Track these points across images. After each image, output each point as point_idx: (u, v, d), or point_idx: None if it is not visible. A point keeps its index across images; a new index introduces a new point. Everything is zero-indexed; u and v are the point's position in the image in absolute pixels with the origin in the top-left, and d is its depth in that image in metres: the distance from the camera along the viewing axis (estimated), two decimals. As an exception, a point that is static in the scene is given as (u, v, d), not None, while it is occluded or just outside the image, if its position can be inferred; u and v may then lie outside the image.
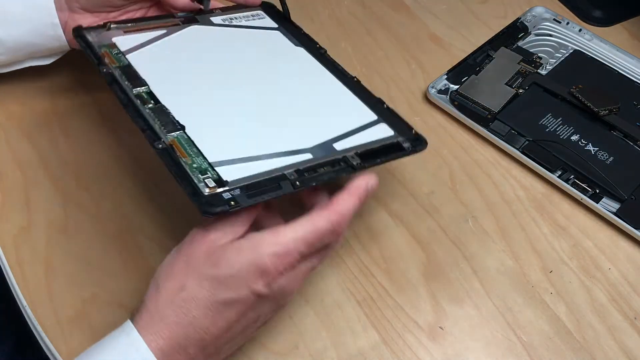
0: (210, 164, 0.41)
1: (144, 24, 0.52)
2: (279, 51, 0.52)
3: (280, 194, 0.41)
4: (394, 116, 0.49)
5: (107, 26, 0.50)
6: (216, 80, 0.48)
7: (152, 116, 0.43)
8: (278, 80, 0.49)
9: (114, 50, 0.48)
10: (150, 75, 0.46)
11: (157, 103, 0.44)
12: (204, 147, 0.42)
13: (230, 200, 0.39)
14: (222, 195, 0.39)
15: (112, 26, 0.50)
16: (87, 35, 0.49)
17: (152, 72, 0.46)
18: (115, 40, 0.49)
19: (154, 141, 0.41)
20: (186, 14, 0.54)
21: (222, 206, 0.38)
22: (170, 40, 0.51)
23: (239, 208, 0.39)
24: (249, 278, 0.37)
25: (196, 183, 0.39)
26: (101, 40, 0.49)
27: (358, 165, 0.43)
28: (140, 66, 0.47)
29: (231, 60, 0.50)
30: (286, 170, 0.42)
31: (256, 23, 0.55)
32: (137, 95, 0.45)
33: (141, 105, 0.44)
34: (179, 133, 0.42)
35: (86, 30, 0.49)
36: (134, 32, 0.50)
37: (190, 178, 0.40)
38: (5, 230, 0.49)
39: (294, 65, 0.52)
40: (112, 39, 0.49)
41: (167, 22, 0.53)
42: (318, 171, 0.42)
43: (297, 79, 0.50)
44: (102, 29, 0.50)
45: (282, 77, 0.50)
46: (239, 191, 0.40)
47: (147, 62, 0.47)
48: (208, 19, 0.54)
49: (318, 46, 0.54)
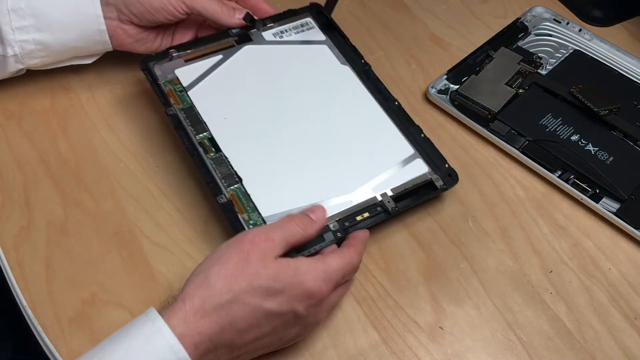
0: (264, 220, 0.47)
1: (202, 49, 0.56)
2: (326, 72, 0.57)
3: (324, 246, 0.46)
4: (430, 146, 0.53)
5: (169, 55, 0.55)
6: (269, 115, 0.53)
7: (214, 167, 0.49)
8: (324, 112, 0.54)
9: (177, 86, 0.54)
10: (210, 116, 0.52)
11: (218, 151, 0.50)
12: (258, 201, 0.48)
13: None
14: None
15: (174, 54, 0.55)
16: (153, 68, 0.54)
17: (212, 111, 0.52)
18: (178, 74, 0.54)
19: (217, 195, 0.48)
20: (239, 30, 0.58)
21: None
22: (226, 68, 0.56)
23: None
24: (297, 298, 0.40)
25: None
26: (165, 73, 0.54)
27: (393, 210, 0.48)
28: (201, 106, 0.52)
29: (282, 88, 0.55)
30: (329, 222, 0.47)
31: (305, 36, 0.59)
32: (200, 143, 0.50)
33: (204, 154, 0.50)
34: (237, 186, 0.48)
35: (151, 62, 0.54)
36: (194, 59, 0.55)
37: None
38: (5, 230, 0.49)
39: (339, 90, 0.56)
40: (175, 71, 0.54)
41: (222, 43, 0.57)
42: (357, 219, 0.48)
43: (342, 109, 0.54)
44: (165, 59, 0.55)
45: (328, 107, 0.54)
46: None
47: (207, 99, 0.53)
48: (260, 35, 0.58)
49: (363, 61, 0.58)
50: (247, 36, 0.58)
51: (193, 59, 0.56)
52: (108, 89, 0.59)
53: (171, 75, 0.54)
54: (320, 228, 0.45)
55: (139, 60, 0.55)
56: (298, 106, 0.54)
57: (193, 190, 0.52)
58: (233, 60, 0.56)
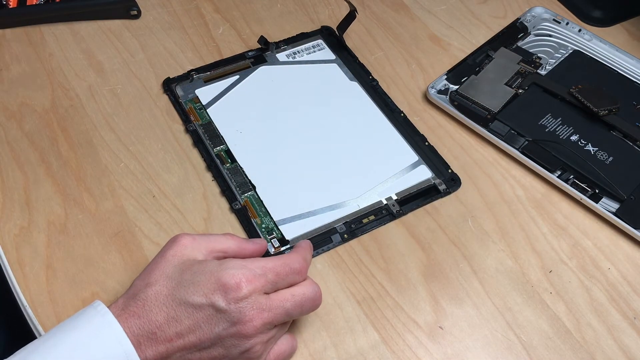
0: (275, 223, 0.50)
1: (220, 71, 0.60)
2: (335, 88, 0.60)
3: (332, 247, 0.49)
4: (434, 153, 0.56)
5: (190, 77, 0.59)
6: (281, 127, 0.56)
7: (229, 176, 0.53)
8: (334, 123, 0.57)
9: (197, 104, 0.57)
10: (227, 130, 0.55)
11: (234, 162, 0.53)
12: (270, 206, 0.51)
13: None
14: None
15: (194, 76, 0.59)
16: (175, 89, 0.58)
17: (229, 126, 0.56)
18: (198, 94, 0.58)
19: (232, 202, 0.51)
20: (255, 53, 0.62)
21: None
22: (242, 87, 0.59)
23: None
24: (207, 287, 0.38)
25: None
26: (186, 93, 0.58)
27: (398, 213, 0.52)
28: (218, 121, 0.56)
29: (294, 103, 0.58)
30: (336, 224, 0.50)
31: (316, 56, 0.63)
32: (217, 155, 0.54)
33: (221, 165, 0.53)
34: (251, 193, 0.52)
35: (173, 83, 0.59)
36: (213, 80, 0.59)
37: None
38: (6, 230, 0.49)
39: (348, 104, 0.59)
40: (195, 91, 0.58)
41: (239, 65, 0.61)
42: (363, 222, 0.51)
43: (351, 120, 0.58)
44: (186, 80, 0.59)
45: (337, 119, 0.58)
46: None
47: (224, 115, 0.57)
48: (274, 56, 0.62)
49: (371, 77, 0.61)
50: (262, 58, 0.62)
51: (212, 79, 0.59)
52: (108, 89, 0.59)
53: (192, 94, 0.58)
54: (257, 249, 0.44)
55: (163, 81, 0.59)
56: (309, 119, 0.57)
57: (193, 190, 0.53)
58: (249, 79, 0.60)
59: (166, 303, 0.38)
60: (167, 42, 0.63)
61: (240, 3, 0.68)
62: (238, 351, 0.39)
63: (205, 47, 0.63)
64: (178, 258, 0.40)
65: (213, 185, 0.53)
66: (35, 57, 0.61)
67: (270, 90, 0.59)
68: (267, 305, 0.39)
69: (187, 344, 0.38)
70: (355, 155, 0.55)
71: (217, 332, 0.38)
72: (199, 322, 0.38)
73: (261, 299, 0.39)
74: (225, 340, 0.39)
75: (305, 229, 0.50)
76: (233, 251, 0.43)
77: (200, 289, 0.38)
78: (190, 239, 0.41)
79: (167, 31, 0.64)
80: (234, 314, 0.38)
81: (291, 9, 0.68)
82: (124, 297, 0.40)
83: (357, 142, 0.56)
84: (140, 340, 0.38)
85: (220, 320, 0.38)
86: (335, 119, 0.57)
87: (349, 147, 0.55)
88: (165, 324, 0.38)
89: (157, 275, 0.40)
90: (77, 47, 0.62)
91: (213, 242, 0.42)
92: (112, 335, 0.37)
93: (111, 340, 0.37)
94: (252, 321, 0.38)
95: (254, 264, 0.40)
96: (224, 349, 0.39)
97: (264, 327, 0.39)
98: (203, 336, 0.38)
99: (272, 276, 0.40)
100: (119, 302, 0.39)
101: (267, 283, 0.40)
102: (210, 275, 0.39)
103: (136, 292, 0.39)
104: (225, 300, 0.38)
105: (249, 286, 0.39)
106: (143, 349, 0.38)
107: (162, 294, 0.39)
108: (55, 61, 0.61)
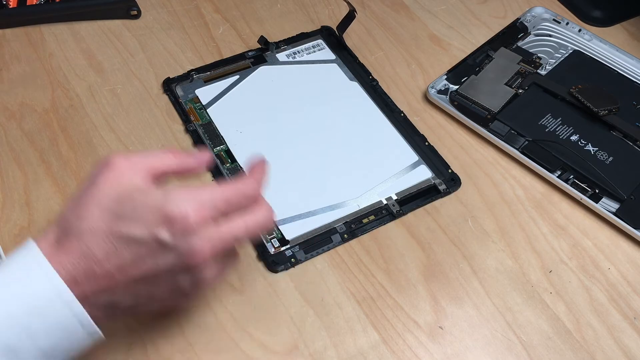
0: (275, 223, 0.49)
1: (220, 71, 0.60)
2: (335, 88, 0.60)
3: (332, 247, 0.49)
4: (434, 153, 0.56)
5: (190, 77, 0.59)
6: (281, 127, 0.56)
7: (230, 176, 0.53)
8: (334, 123, 0.57)
9: (197, 104, 0.57)
10: (227, 130, 0.55)
11: (234, 162, 0.53)
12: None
13: (291, 257, 0.48)
14: (285, 253, 0.48)
15: (194, 76, 0.59)
16: (175, 89, 0.58)
17: (229, 126, 0.56)
18: (198, 94, 0.58)
19: None
20: (255, 53, 0.62)
21: (285, 264, 0.48)
22: (242, 86, 0.59)
23: (298, 264, 0.48)
24: (151, 220, 0.35)
25: (264, 243, 0.49)
26: (186, 93, 0.58)
27: (397, 213, 0.51)
28: (218, 121, 0.56)
29: (294, 103, 0.58)
30: (336, 224, 0.50)
31: (316, 56, 0.63)
32: (217, 155, 0.54)
33: (221, 165, 0.53)
34: None
35: (173, 83, 0.58)
36: (212, 80, 0.59)
37: (260, 239, 0.48)
38: (6, 230, 0.49)
39: (348, 104, 0.59)
40: (195, 91, 0.58)
41: (239, 65, 0.61)
42: (363, 222, 0.51)
43: (351, 120, 0.57)
44: (186, 80, 0.59)
45: (337, 119, 0.57)
46: (298, 248, 0.49)
47: (224, 115, 0.57)
48: (274, 56, 0.62)
49: (370, 77, 0.61)
50: (262, 58, 0.62)
51: (212, 79, 0.59)
52: (108, 89, 0.59)
53: (192, 94, 0.58)
54: (200, 163, 0.40)
55: (162, 82, 0.59)
56: (309, 119, 0.57)
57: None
58: (249, 79, 0.60)
59: (104, 238, 0.35)
60: (167, 42, 0.63)
61: (240, 3, 0.68)
62: (188, 282, 0.37)
63: (205, 47, 0.63)
64: (114, 186, 0.36)
65: (213, 185, 0.53)
66: (35, 57, 0.61)
67: (271, 90, 0.59)
68: (217, 236, 0.37)
69: (130, 278, 0.36)
70: (355, 155, 0.55)
71: (163, 265, 0.36)
72: (142, 256, 0.35)
73: (210, 231, 0.36)
74: (172, 272, 0.36)
75: (305, 229, 0.50)
76: (174, 169, 0.39)
77: (142, 222, 0.35)
78: (124, 161, 0.37)
79: (167, 31, 0.64)
80: (181, 248, 0.35)
81: (291, 9, 0.68)
82: (54, 231, 0.36)
83: (357, 142, 0.56)
84: (77, 277, 0.35)
85: (166, 254, 0.36)
86: (335, 119, 0.57)
87: (349, 147, 0.55)
88: (105, 260, 0.35)
89: (91, 207, 0.36)
90: (77, 47, 0.62)
91: (151, 161, 0.38)
92: (40, 272, 0.35)
93: (40, 277, 0.35)
94: (201, 253, 0.36)
95: (203, 195, 0.37)
96: (172, 281, 0.37)
97: (214, 257, 0.37)
98: (148, 270, 0.36)
99: (223, 205, 0.37)
100: (49, 236, 0.36)
101: (216, 213, 0.37)
102: (154, 206, 0.35)
103: (68, 226, 0.36)
104: (170, 233, 0.35)
105: (196, 219, 0.35)
106: (80, 286, 0.35)
107: (100, 228, 0.35)
108: (55, 61, 0.61)
